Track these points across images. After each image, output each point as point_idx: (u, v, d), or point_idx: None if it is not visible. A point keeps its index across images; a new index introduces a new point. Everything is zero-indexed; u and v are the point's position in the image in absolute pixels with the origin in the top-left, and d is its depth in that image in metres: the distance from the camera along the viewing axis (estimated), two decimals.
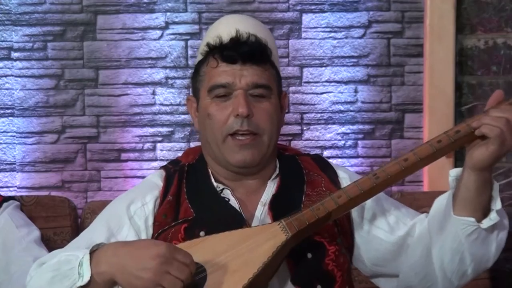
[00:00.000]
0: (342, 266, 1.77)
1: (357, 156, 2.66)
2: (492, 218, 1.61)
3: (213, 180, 1.83)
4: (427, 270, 1.73)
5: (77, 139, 2.63)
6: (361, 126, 2.67)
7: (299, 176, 1.86)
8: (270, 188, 1.83)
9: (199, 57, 1.88)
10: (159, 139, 2.65)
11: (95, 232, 1.79)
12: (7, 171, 2.61)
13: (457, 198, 1.63)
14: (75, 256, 1.61)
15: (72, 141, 2.63)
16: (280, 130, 1.87)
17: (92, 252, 1.60)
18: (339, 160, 2.62)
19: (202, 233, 1.73)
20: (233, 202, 1.80)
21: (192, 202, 1.80)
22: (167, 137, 2.65)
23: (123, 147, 2.65)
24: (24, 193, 2.57)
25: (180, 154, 2.57)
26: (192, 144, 2.63)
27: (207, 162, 1.87)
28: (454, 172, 1.66)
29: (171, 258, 1.54)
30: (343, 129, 2.66)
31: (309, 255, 1.73)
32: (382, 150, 2.66)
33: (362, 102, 2.67)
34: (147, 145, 2.65)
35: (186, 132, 2.65)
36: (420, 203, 2.36)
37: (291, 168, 1.88)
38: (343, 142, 2.67)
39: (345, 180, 1.87)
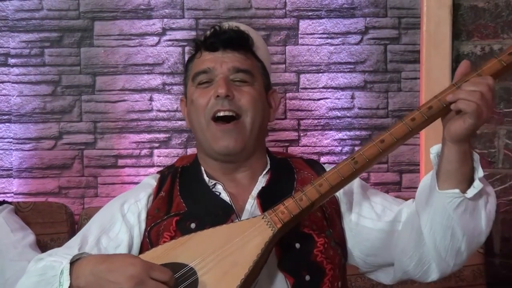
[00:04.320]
0: (332, 259, 1.77)
1: None
2: (476, 186, 1.61)
3: (205, 175, 1.86)
4: (421, 252, 1.72)
5: (74, 145, 2.63)
6: (358, 132, 2.67)
7: (290, 174, 1.89)
8: (261, 183, 1.86)
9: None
10: (156, 145, 2.66)
11: (89, 231, 1.83)
12: (4, 177, 2.61)
13: (440, 173, 1.63)
14: (59, 262, 1.63)
15: (69, 147, 2.63)
16: (265, 121, 1.90)
17: (74, 262, 1.61)
18: None
19: (193, 225, 1.76)
20: (224, 195, 1.82)
21: (184, 197, 1.84)
22: (164, 143, 2.66)
23: (120, 153, 2.65)
24: (21, 199, 2.57)
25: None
26: (190, 150, 2.64)
27: (200, 160, 1.91)
28: (435, 149, 1.67)
29: (147, 278, 1.54)
30: (340, 135, 2.67)
31: (298, 245, 1.74)
32: None
33: (359, 108, 2.67)
34: (144, 151, 2.65)
35: (183, 138, 2.65)
36: None
37: (282, 167, 1.91)
38: (340, 148, 2.67)
39: None
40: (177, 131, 2.65)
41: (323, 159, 2.63)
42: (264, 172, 1.89)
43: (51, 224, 2.39)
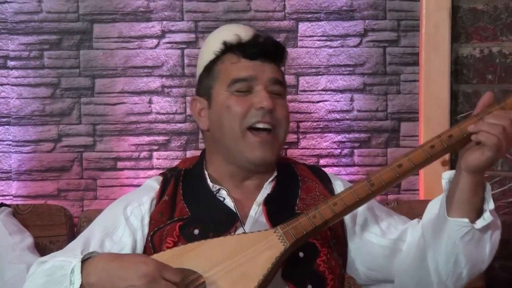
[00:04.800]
0: (334, 269, 1.78)
1: (353, 165, 2.66)
2: (486, 218, 1.62)
3: (209, 180, 1.85)
4: (422, 274, 1.73)
5: (73, 147, 2.63)
6: (357, 135, 2.67)
7: (295, 181, 1.90)
8: (266, 190, 1.86)
9: (211, 56, 1.91)
10: (155, 147, 2.65)
11: (92, 234, 1.82)
12: (3, 180, 2.61)
13: (451, 200, 1.64)
14: (68, 262, 1.63)
15: (68, 149, 2.63)
16: None
17: (85, 260, 1.61)
18: (335, 168, 2.62)
19: (196, 231, 1.75)
20: (228, 201, 1.82)
21: (187, 202, 1.83)
22: (164, 146, 2.65)
23: (119, 155, 2.65)
24: (20, 201, 2.57)
25: (176, 162, 2.60)
26: (189, 153, 2.63)
27: (205, 165, 1.90)
28: (447, 174, 1.68)
29: (159, 277, 1.55)
30: (339, 137, 2.66)
31: (301, 254, 1.75)
32: (378, 159, 2.67)
33: (358, 111, 2.67)
34: (143, 154, 2.65)
35: (182, 140, 2.65)
36: (416, 211, 2.34)
37: (287, 174, 1.91)
38: (339, 150, 2.67)
39: (339, 187, 1.89)
40: (176, 134, 2.65)
41: (322, 162, 2.63)
42: (270, 179, 1.88)
43: (50, 227, 2.39)
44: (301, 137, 2.67)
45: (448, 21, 2.59)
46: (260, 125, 1.81)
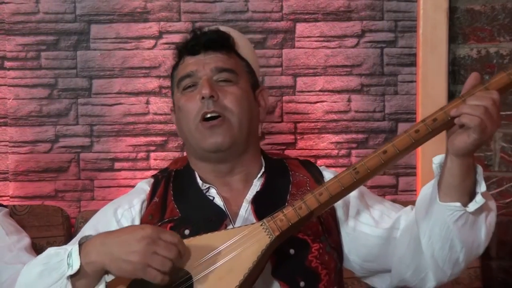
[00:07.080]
0: (328, 264, 1.76)
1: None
2: (478, 201, 1.60)
3: (198, 179, 1.85)
4: (418, 261, 1.71)
5: (71, 148, 2.63)
6: (354, 135, 2.67)
7: (285, 176, 1.88)
8: (256, 187, 1.85)
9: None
10: (153, 148, 2.65)
11: None
12: (0, 180, 2.60)
13: (442, 185, 1.61)
14: (63, 249, 1.63)
15: (65, 150, 2.63)
16: (254, 120, 1.89)
17: (81, 244, 1.61)
18: (333, 169, 2.61)
19: (187, 231, 1.75)
20: (218, 200, 1.81)
21: (178, 202, 1.83)
22: (161, 146, 2.65)
23: (116, 156, 2.64)
24: (17, 202, 2.57)
25: None
26: (186, 154, 2.63)
27: (192, 166, 1.91)
28: (438, 159, 1.65)
29: (158, 238, 1.55)
30: (337, 138, 2.66)
31: (292, 251, 1.74)
32: None
33: (356, 111, 2.67)
34: (141, 154, 2.65)
35: (179, 141, 2.65)
36: None
37: (277, 169, 1.90)
38: (336, 151, 2.66)
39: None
40: (173, 134, 2.65)
41: (319, 162, 2.63)
42: (259, 175, 1.88)
43: (47, 228, 2.39)
44: (298, 137, 2.67)
45: (446, 22, 2.59)
46: (208, 115, 1.81)
